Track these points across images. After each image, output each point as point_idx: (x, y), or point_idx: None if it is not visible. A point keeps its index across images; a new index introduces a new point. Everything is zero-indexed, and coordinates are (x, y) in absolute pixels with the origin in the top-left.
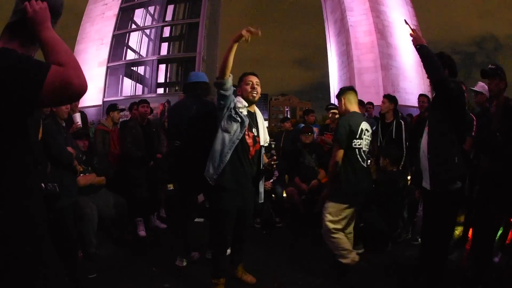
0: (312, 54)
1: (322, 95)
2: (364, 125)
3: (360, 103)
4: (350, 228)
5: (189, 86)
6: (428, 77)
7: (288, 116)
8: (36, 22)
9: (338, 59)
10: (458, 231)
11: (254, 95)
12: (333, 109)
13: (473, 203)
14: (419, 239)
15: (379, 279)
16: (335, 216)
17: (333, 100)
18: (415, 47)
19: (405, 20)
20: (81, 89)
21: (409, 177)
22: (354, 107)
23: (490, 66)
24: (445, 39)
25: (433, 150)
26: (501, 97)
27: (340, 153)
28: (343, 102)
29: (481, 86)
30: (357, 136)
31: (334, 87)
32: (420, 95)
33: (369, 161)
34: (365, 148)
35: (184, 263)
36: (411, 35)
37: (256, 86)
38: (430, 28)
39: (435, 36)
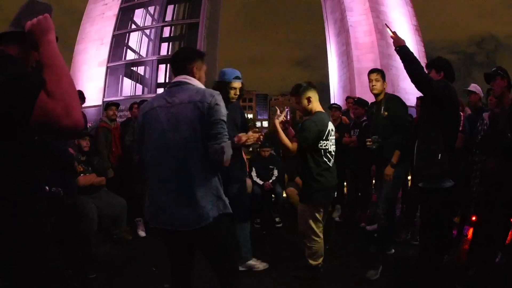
0: (312, 54)
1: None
2: (330, 126)
3: (357, 103)
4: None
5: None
6: (409, 76)
7: (288, 116)
8: (36, 33)
9: (338, 59)
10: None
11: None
12: (336, 108)
13: (471, 203)
14: (419, 239)
15: (379, 278)
16: (314, 219)
17: (333, 100)
18: (395, 49)
19: (385, 24)
20: (72, 129)
21: (409, 177)
22: (318, 106)
23: (492, 69)
24: (445, 39)
25: (419, 147)
26: (507, 96)
27: (296, 148)
28: (307, 101)
29: (474, 86)
30: (324, 138)
31: (334, 87)
32: (418, 98)
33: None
34: (331, 148)
35: None
36: (391, 37)
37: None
38: (430, 28)
39: (435, 36)
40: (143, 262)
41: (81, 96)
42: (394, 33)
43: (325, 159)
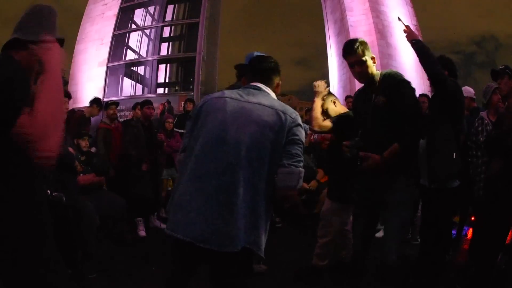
0: (312, 54)
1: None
2: None
3: None
4: (350, 226)
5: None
6: (426, 72)
7: None
8: (44, 62)
9: (338, 59)
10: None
11: None
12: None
13: (471, 203)
14: (419, 239)
15: (379, 278)
16: (339, 217)
17: None
18: (411, 42)
19: (398, 17)
20: (44, 159)
21: None
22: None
23: (500, 67)
24: (445, 39)
25: (432, 147)
26: None
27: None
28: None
29: (464, 89)
30: None
31: (334, 87)
32: (420, 95)
33: None
34: None
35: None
36: (405, 31)
37: None
38: (430, 28)
39: (435, 36)
40: (143, 262)
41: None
42: (407, 27)
43: None
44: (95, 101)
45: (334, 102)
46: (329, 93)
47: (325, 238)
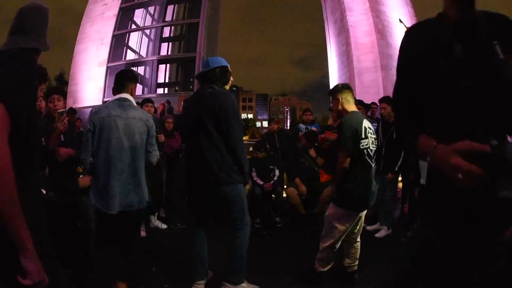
0: (312, 54)
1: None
2: (366, 123)
3: (360, 102)
4: (357, 235)
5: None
6: None
7: (288, 116)
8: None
9: (338, 59)
10: None
11: None
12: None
13: None
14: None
15: (379, 278)
16: (344, 227)
17: None
18: None
19: (399, 19)
20: None
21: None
22: (352, 107)
23: None
24: None
25: None
26: None
27: (346, 159)
28: (340, 102)
29: None
30: (363, 136)
31: None
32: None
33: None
34: (372, 147)
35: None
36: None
37: None
38: None
39: None
40: (143, 262)
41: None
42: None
43: (367, 157)
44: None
45: (339, 100)
46: (335, 90)
47: (326, 243)
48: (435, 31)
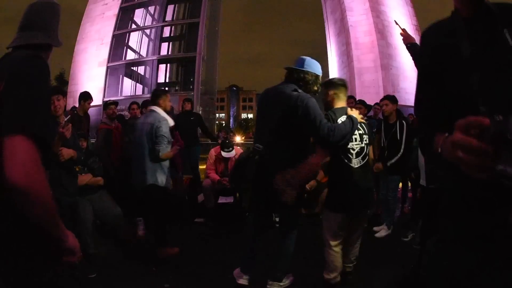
0: (312, 54)
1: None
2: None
3: (361, 103)
4: (356, 238)
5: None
6: None
7: None
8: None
9: (338, 59)
10: None
11: None
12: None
13: None
14: (420, 238)
15: (379, 277)
16: (332, 228)
17: None
18: (406, 45)
19: (395, 21)
20: (11, 189)
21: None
22: (341, 104)
23: None
24: None
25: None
26: None
27: (323, 154)
28: (330, 96)
29: None
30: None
31: None
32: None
33: (363, 160)
34: (354, 146)
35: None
36: (401, 34)
37: None
38: None
39: None
40: (143, 262)
41: (88, 96)
42: (404, 30)
43: (344, 158)
44: (81, 96)
45: (331, 95)
46: (329, 84)
47: (325, 244)
48: (448, 30)
